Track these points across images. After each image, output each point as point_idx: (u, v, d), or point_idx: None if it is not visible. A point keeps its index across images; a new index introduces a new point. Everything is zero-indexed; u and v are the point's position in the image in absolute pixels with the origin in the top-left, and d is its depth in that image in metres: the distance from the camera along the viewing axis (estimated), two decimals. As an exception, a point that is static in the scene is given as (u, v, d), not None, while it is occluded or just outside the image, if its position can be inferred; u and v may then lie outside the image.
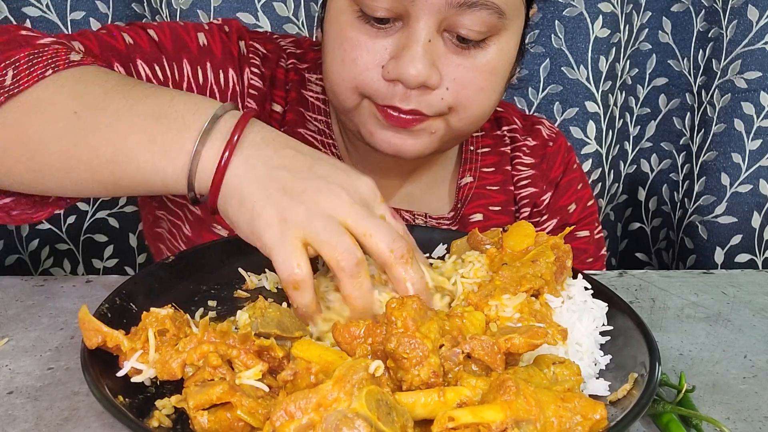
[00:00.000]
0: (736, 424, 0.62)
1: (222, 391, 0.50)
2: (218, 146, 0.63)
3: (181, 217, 0.96)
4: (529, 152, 1.05)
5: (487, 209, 1.02)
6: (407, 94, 0.80)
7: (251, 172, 0.63)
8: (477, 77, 0.82)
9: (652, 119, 1.52)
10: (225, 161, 0.63)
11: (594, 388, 0.59)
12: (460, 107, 0.82)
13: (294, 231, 0.60)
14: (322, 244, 0.60)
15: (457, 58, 0.80)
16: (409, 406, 0.50)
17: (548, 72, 1.37)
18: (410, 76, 0.77)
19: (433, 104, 0.81)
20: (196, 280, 0.75)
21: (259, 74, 0.93)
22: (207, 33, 0.91)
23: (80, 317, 0.58)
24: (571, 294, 0.69)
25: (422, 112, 0.81)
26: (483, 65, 0.82)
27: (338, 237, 0.60)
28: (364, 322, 0.57)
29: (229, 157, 0.63)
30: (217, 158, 0.63)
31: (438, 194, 1.02)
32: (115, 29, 0.85)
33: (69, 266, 1.43)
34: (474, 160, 1.03)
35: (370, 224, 0.61)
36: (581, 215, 1.07)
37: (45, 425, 0.57)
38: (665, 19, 1.44)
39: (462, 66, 0.81)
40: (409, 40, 0.78)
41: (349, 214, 0.61)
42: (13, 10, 1.23)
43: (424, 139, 0.84)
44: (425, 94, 0.80)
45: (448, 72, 0.80)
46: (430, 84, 0.79)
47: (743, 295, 0.87)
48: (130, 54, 0.84)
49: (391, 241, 0.62)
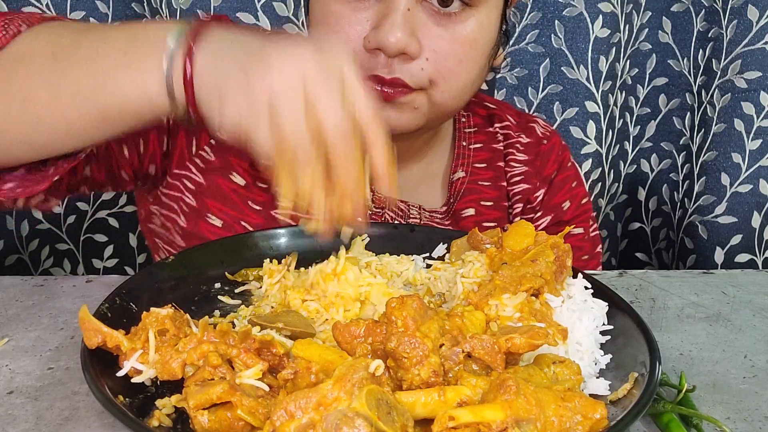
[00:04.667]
0: (736, 423, 0.62)
1: (222, 391, 0.51)
2: (185, 49, 0.64)
3: (176, 209, 0.96)
4: (523, 149, 1.06)
5: (479, 204, 1.02)
6: (388, 62, 0.81)
7: (216, 61, 0.63)
8: (457, 48, 0.83)
9: (652, 119, 1.52)
10: (192, 53, 0.63)
11: (594, 388, 0.59)
12: (441, 79, 0.84)
13: (262, 107, 0.59)
14: (279, 127, 0.59)
15: (437, 29, 0.82)
16: (409, 405, 0.50)
17: (548, 72, 1.37)
18: (390, 43, 0.79)
19: (414, 74, 0.82)
20: (197, 280, 0.75)
21: None
22: None
23: (80, 317, 0.58)
24: (571, 293, 0.69)
25: (404, 81, 0.82)
26: (463, 37, 0.83)
27: (294, 123, 0.59)
28: (364, 322, 0.57)
29: (195, 48, 0.63)
30: (185, 55, 0.63)
31: (431, 187, 1.03)
32: None
33: (69, 266, 1.43)
34: (466, 156, 1.04)
35: (327, 102, 0.60)
36: (576, 213, 1.08)
37: (45, 425, 0.57)
38: (665, 19, 1.44)
39: (441, 37, 0.82)
40: (389, 9, 0.80)
41: (310, 81, 0.59)
42: (13, 10, 1.23)
43: (408, 114, 0.85)
44: (406, 62, 0.82)
45: (428, 43, 0.82)
46: (410, 52, 0.80)
47: (743, 295, 0.87)
48: None
49: (336, 127, 0.60)
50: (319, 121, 0.60)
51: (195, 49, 0.63)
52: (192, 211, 0.93)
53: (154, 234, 1.02)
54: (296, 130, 0.59)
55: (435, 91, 0.85)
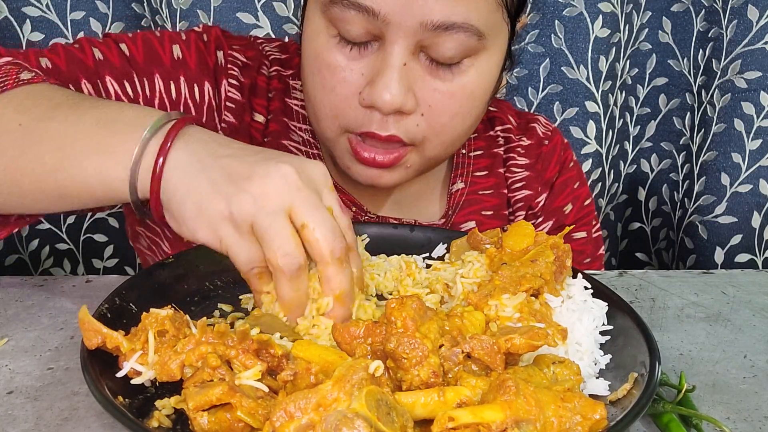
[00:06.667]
0: (736, 424, 0.62)
1: (221, 392, 0.50)
2: (160, 143, 0.63)
3: (159, 233, 0.95)
4: (524, 152, 1.04)
5: (479, 214, 1.00)
6: (384, 119, 0.79)
7: (194, 164, 0.62)
8: (452, 104, 0.81)
9: (652, 119, 1.52)
10: (167, 150, 0.62)
11: (594, 388, 0.59)
12: (434, 134, 0.82)
13: (243, 225, 0.60)
14: (266, 244, 0.60)
15: (433, 81, 0.79)
16: (408, 406, 0.50)
17: (548, 72, 1.37)
18: (384, 102, 0.76)
19: (409, 129, 0.80)
20: (196, 280, 0.75)
21: (237, 85, 0.91)
22: (183, 44, 0.89)
23: (80, 317, 0.58)
24: (570, 293, 0.69)
25: (400, 138, 0.80)
26: (459, 89, 0.80)
27: (282, 238, 0.60)
28: (363, 322, 0.57)
29: (169, 148, 0.62)
30: (157, 152, 0.62)
31: (429, 201, 1.01)
32: (87, 43, 0.84)
33: (69, 266, 1.43)
34: (466, 165, 1.02)
35: (316, 217, 0.61)
36: (578, 216, 1.06)
37: (45, 425, 0.57)
38: (665, 19, 1.44)
39: (438, 91, 0.79)
40: (384, 64, 0.76)
41: (295, 201, 0.60)
42: (13, 10, 1.23)
43: (400, 172, 0.85)
44: (402, 119, 0.80)
45: (424, 97, 0.79)
46: (405, 109, 0.78)
47: (743, 295, 0.87)
48: (98, 70, 0.83)
49: (332, 239, 0.61)
50: (310, 242, 0.60)
51: (170, 146, 0.62)
52: (175, 237, 0.93)
53: (142, 253, 1.02)
54: (287, 252, 0.60)
55: (426, 147, 0.83)
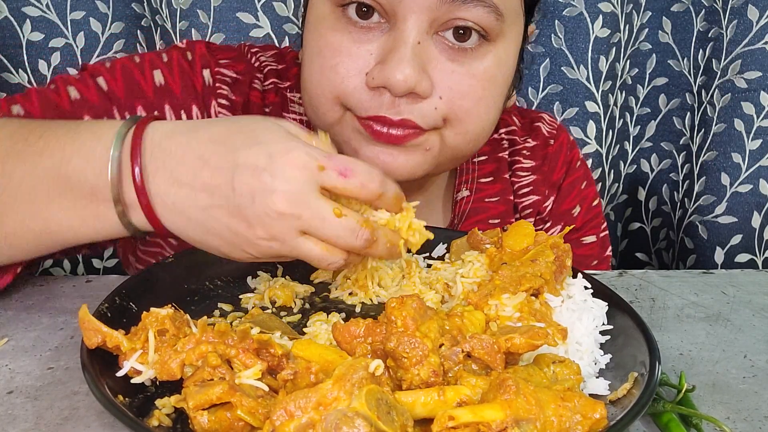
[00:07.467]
0: (736, 423, 0.62)
1: (222, 391, 0.50)
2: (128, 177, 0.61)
3: (159, 247, 0.94)
4: (530, 154, 1.00)
5: (486, 223, 0.97)
6: (396, 102, 0.72)
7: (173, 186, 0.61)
8: (475, 85, 0.74)
9: (652, 119, 1.52)
10: (140, 185, 0.61)
11: (594, 388, 0.59)
12: (456, 119, 0.75)
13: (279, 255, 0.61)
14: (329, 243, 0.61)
15: (450, 65, 0.73)
16: (408, 405, 0.50)
17: (548, 72, 1.37)
18: (397, 81, 0.69)
19: (426, 114, 0.73)
20: (197, 280, 0.75)
21: (228, 105, 0.86)
22: (165, 68, 0.84)
23: (80, 317, 0.58)
24: (570, 293, 0.69)
25: (415, 123, 0.73)
26: (480, 73, 0.74)
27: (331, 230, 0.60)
28: (363, 322, 0.57)
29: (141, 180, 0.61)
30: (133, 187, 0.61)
31: (432, 210, 0.97)
32: (62, 83, 0.81)
33: (69, 266, 1.43)
34: (470, 171, 0.97)
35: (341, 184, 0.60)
36: (586, 218, 1.03)
37: (45, 425, 0.57)
38: (665, 19, 1.44)
39: (457, 73, 0.73)
40: (396, 42, 0.70)
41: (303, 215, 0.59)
42: (13, 10, 1.23)
43: (417, 157, 0.76)
44: (416, 102, 0.72)
45: (441, 79, 0.73)
46: (420, 91, 0.71)
47: (743, 295, 0.87)
48: (75, 111, 0.79)
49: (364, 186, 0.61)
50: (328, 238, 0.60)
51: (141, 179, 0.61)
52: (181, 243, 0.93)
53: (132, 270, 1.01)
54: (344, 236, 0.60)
55: (450, 132, 0.76)
